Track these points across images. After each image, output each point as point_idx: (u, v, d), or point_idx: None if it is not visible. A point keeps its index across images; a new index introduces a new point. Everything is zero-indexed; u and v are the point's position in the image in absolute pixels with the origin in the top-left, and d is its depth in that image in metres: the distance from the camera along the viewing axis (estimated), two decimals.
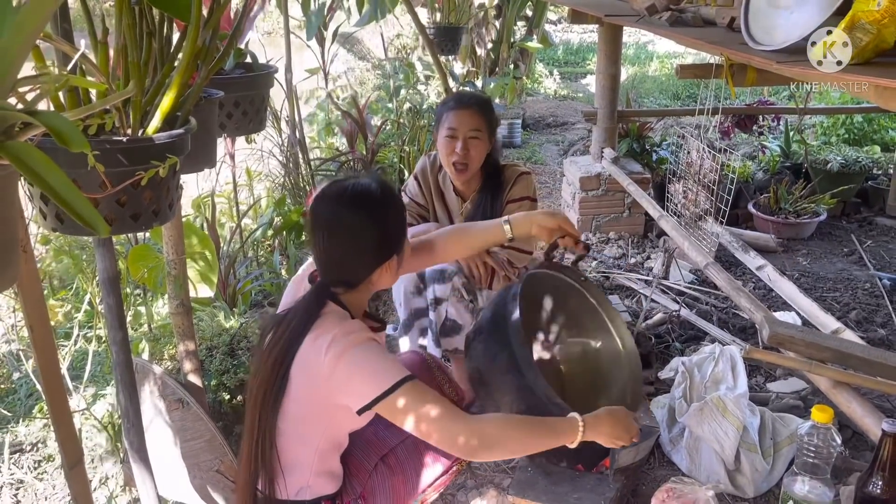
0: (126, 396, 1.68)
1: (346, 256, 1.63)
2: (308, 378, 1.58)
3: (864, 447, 2.37)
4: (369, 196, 1.64)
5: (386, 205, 1.67)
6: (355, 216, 1.62)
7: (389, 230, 1.67)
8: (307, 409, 1.63)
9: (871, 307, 3.42)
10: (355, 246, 1.63)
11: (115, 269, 1.56)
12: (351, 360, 1.52)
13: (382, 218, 1.65)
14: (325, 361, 1.53)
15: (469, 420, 1.53)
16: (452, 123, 2.47)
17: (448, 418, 1.51)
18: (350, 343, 1.53)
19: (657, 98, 8.47)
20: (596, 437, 1.65)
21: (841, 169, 4.49)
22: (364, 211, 1.62)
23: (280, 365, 1.59)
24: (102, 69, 1.26)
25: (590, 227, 4.35)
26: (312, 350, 1.56)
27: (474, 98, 2.58)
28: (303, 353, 1.58)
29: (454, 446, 1.52)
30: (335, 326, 1.56)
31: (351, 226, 1.61)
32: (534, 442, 1.62)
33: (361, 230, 1.62)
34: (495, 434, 1.54)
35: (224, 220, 4.12)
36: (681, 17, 2.57)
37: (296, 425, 1.65)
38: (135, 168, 1.25)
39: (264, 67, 2.17)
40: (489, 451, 1.55)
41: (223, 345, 2.52)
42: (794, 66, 1.70)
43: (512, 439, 1.57)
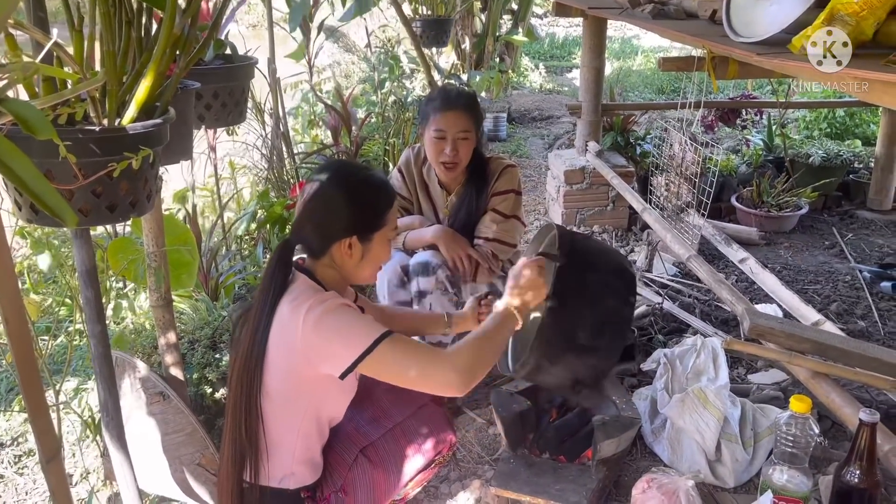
0: (105, 389, 1.66)
1: (311, 218, 1.72)
2: (286, 348, 1.61)
3: (843, 437, 2.40)
4: (357, 175, 1.75)
5: (366, 188, 1.73)
6: (331, 184, 1.71)
7: (357, 210, 1.71)
8: (288, 383, 1.64)
9: (852, 299, 3.45)
10: (321, 210, 1.71)
11: (92, 261, 1.54)
12: (328, 326, 1.57)
13: (355, 196, 1.71)
14: (301, 328, 1.57)
15: (446, 356, 1.61)
16: (441, 125, 2.46)
17: (429, 361, 1.59)
18: (325, 310, 1.58)
19: (642, 92, 8.50)
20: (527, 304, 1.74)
21: (822, 163, 4.52)
22: (341, 183, 1.71)
23: (257, 335, 1.62)
24: (77, 58, 1.24)
25: (574, 221, 4.35)
26: (289, 317, 1.60)
27: (461, 97, 2.55)
28: (279, 321, 1.62)
29: (442, 387, 1.60)
30: (310, 295, 1.62)
31: (325, 192, 1.71)
32: (496, 344, 1.70)
33: (330, 197, 1.70)
34: (468, 356, 1.61)
35: (207, 214, 4.09)
36: (663, 10, 2.58)
37: (278, 405, 1.66)
38: (109, 159, 1.23)
39: (244, 59, 2.15)
40: (472, 373, 1.61)
41: (205, 338, 2.50)
42: (774, 58, 1.70)
43: (481, 351, 1.65)
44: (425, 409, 1.94)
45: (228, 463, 1.69)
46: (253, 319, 1.65)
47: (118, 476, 1.78)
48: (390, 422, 1.89)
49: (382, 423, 1.87)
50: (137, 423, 2.06)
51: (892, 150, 4.44)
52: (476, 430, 2.55)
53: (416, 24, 4.79)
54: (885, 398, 2.54)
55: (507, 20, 7.61)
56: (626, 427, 2.19)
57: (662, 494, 1.83)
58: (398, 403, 1.93)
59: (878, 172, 4.52)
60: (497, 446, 2.45)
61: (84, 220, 1.31)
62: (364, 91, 5.65)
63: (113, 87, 1.29)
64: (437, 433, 1.90)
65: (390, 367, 1.58)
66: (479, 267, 2.51)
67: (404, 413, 1.91)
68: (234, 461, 1.67)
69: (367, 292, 3.36)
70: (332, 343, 1.57)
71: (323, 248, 1.71)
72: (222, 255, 3.50)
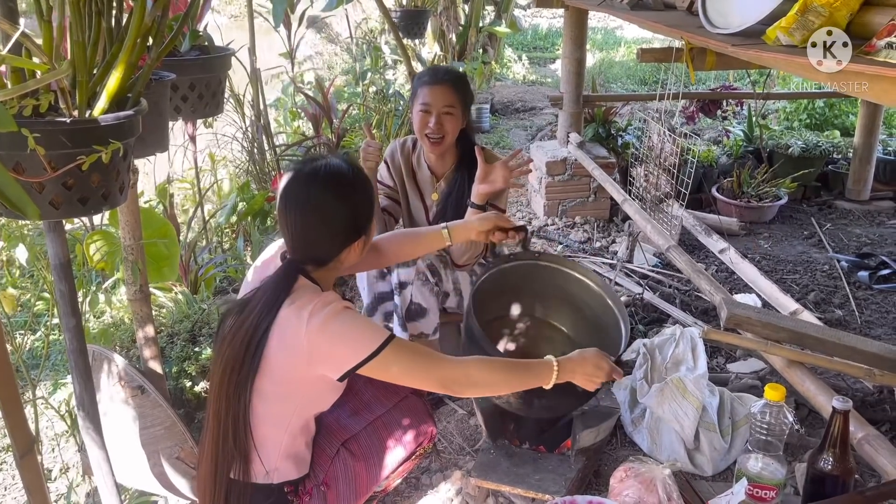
0: (81, 384, 1.65)
1: (317, 235, 1.66)
2: (287, 350, 1.58)
3: (819, 425, 2.43)
4: (341, 176, 1.67)
5: (356, 185, 1.69)
6: (327, 196, 1.65)
7: (359, 210, 1.69)
8: (283, 385, 1.63)
9: (830, 289, 3.48)
10: (326, 225, 1.65)
11: (66, 254, 1.52)
12: (334, 330, 1.56)
13: (352, 198, 1.67)
14: (305, 331, 1.55)
15: (454, 362, 1.63)
16: (426, 99, 2.46)
17: (435, 365, 1.61)
18: (330, 312, 1.56)
19: (625, 83, 8.52)
20: (570, 376, 1.73)
21: (802, 153, 4.56)
22: (336, 191, 1.65)
23: (252, 340, 1.59)
24: (46, 48, 1.22)
25: (556, 212, 4.36)
26: (292, 321, 1.57)
27: (449, 74, 2.54)
28: (280, 324, 1.58)
29: (444, 387, 1.62)
30: (313, 298, 1.59)
31: (322, 205, 1.64)
32: (512, 380, 1.71)
33: (333, 210, 1.65)
34: (478, 374, 1.64)
35: (188, 206, 4.06)
36: (642, 1, 2.58)
37: (268, 404, 1.64)
38: (79, 151, 1.22)
39: (221, 50, 2.13)
40: (475, 388, 1.68)
41: (184, 331, 2.49)
42: (749, 49, 1.71)
43: (493, 377, 1.67)
44: (406, 401, 1.94)
45: (211, 463, 1.67)
46: (249, 323, 1.60)
47: (95, 470, 1.77)
48: (371, 414, 1.89)
49: (363, 416, 1.88)
50: (115, 417, 2.04)
51: (870, 141, 4.48)
52: (457, 420, 2.56)
53: (395, 14, 4.77)
54: (860, 386, 2.57)
55: (490, 11, 7.59)
56: (605, 417, 2.20)
57: (640, 483, 1.84)
58: (379, 396, 1.94)
59: (857, 163, 4.57)
60: (478, 437, 2.46)
61: (55, 212, 1.29)
62: (347, 82, 5.62)
63: (83, 77, 1.27)
64: (417, 425, 1.91)
65: (391, 370, 1.59)
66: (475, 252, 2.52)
67: (385, 406, 1.91)
68: (217, 461, 1.66)
69: (347, 283, 3.36)
70: (336, 346, 1.57)
71: (333, 256, 1.69)
72: (202, 248, 3.48)
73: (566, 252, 3.86)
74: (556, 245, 3.96)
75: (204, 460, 1.71)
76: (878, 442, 1.81)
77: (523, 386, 1.72)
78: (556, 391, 1.75)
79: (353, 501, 1.79)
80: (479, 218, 2.09)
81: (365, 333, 1.57)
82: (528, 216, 4.50)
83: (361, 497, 1.81)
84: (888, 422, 2.41)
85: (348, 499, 1.78)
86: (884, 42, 1.42)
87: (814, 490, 1.73)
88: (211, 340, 2.44)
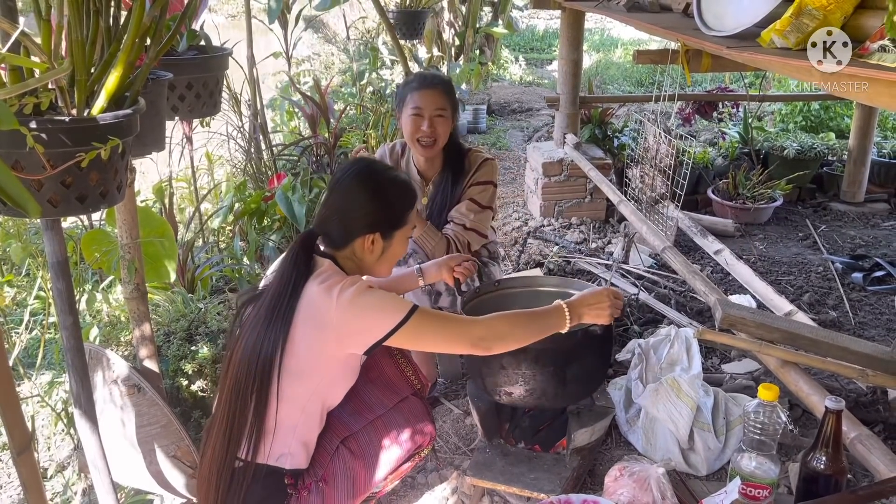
0: (77, 382, 1.65)
1: (333, 212, 1.80)
2: (314, 325, 1.66)
3: (813, 425, 2.44)
4: (375, 174, 1.83)
5: (385, 186, 1.82)
6: (353, 182, 1.79)
7: (381, 208, 1.80)
8: (307, 361, 1.68)
9: (824, 290, 3.50)
10: (344, 206, 1.79)
11: (63, 252, 1.53)
12: (362, 303, 1.66)
13: (381, 195, 1.80)
14: (336, 306, 1.64)
15: (479, 321, 1.75)
16: (418, 103, 2.48)
17: (463, 325, 1.75)
18: (358, 289, 1.66)
19: (621, 84, 8.54)
20: (582, 315, 1.86)
21: (797, 155, 4.57)
22: (364, 182, 1.80)
23: (277, 314, 1.66)
24: (45, 47, 1.23)
25: (552, 213, 4.38)
26: (322, 297, 1.66)
27: (438, 78, 2.60)
28: (309, 301, 1.67)
29: (474, 346, 1.73)
30: (340, 279, 1.69)
31: (350, 187, 1.79)
32: (534, 329, 1.81)
33: (353, 195, 1.79)
34: (504, 327, 1.76)
35: (185, 206, 4.06)
36: (638, 3, 2.59)
37: (289, 381, 1.68)
38: (78, 149, 1.22)
39: (218, 49, 2.14)
40: (502, 342, 1.76)
41: (181, 330, 2.49)
42: (744, 51, 1.72)
43: (516, 328, 1.78)
44: (406, 402, 1.94)
45: (221, 441, 1.70)
46: (271, 300, 1.69)
47: (92, 469, 1.77)
48: (371, 414, 1.89)
49: (364, 415, 1.87)
50: (112, 415, 2.05)
51: (864, 143, 4.50)
52: (453, 420, 2.57)
53: (392, 14, 4.78)
54: (854, 386, 2.58)
55: (488, 12, 7.60)
56: (600, 416, 2.21)
57: (634, 482, 1.85)
58: (380, 396, 1.93)
59: (851, 165, 4.59)
60: (473, 436, 2.47)
61: (53, 210, 1.30)
62: (343, 82, 5.63)
63: (81, 76, 1.28)
64: (417, 426, 1.90)
65: (424, 338, 1.70)
66: None
67: (386, 405, 1.91)
68: (229, 439, 1.69)
69: None
70: (366, 318, 1.66)
71: (346, 240, 1.80)
72: (199, 247, 3.48)
73: (562, 253, 3.87)
74: (553, 246, 3.97)
75: (214, 440, 1.73)
76: (870, 441, 1.83)
77: (544, 333, 1.82)
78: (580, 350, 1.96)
79: (351, 500, 1.80)
80: (446, 258, 2.27)
81: (392, 305, 1.68)
82: (525, 217, 4.51)
83: (359, 496, 1.82)
84: (881, 422, 2.42)
85: (346, 496, 1.78)
86: (877, 45, 1.43)
87: (807, 489, 1.74)
88: (208, 340, 2.44)
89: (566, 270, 3.68)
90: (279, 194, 3.47)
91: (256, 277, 3.09)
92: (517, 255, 3.85)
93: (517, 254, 3.87)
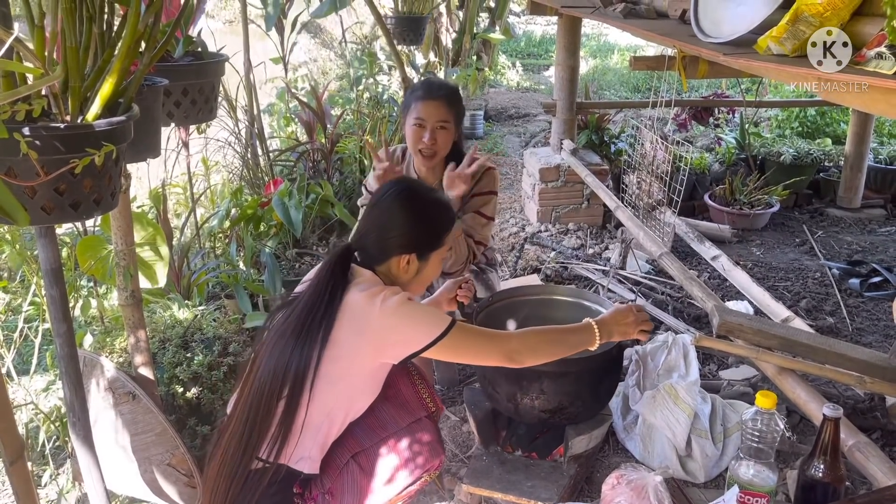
0: (71, 390, 1.64)
1: (372, 229, 1.84)
2: (355, 330, 1.69)
3: (811, 432, 2.43)
4: (416, 195, 1.87)
5: (431, 210, 1.87)
6: (400, 202, 1.83)
7: (420, 230, 1.84)
8: (340, 366, 1.69)
9: (821, 296, 3.50)
10: (383, 224, 1.83)
11: (57, 259, 1.52)
12: (405, 312, 1.70)
13: (420, 217, 1.84)
14: (378, 313, 1.68)
15: (514, 335, 1.83)
16: (421, 114, 2.47)
17: (499, 339, 1.78)
18: (400, 299, 1.70)
19: (618, 90, 8.55)
20: (611, 333, 1.90)
21: (794, 161, 4.58)
22: (404, 203, 1.83)
23: (317, 319, 1.68)
24: (38, 53, 1.22)
25: (549, 218, 4.37)
26: (364, 304, 1.69)
27: (443, 88, 2.57)
28: (351, 307, 1.70)
29: (507, 359, 1.76)
30: (383, 289, 1.73)
31: (391, 206, 1.83)
32: (565, 345, 1.86)
33: (397, 214, 1.82)
34: (536, 342, 1.81)
35: (181, 211, 4.05)
36: (634, 9, 2.59)
37: (321, 387, 1.68)
38: (72, 155, 1.21)
39: (214, 55, 2.13)
40: (534, 355, 1.80)
41: (176, 337, 2.48)
42: (740, 58, 1.72)
43: (548, 344, 1.83)
44: (420, 423, 1.90)
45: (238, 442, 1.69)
46: (304, 307, 1.71)
47: (86, 477, 1.76)
48: (384, 432, 1.85)
49: (377, 433, 1.84)
50: (106, 423, 2.04)
51: (861, 149, 4.51)
52: (450, 427, 2.55)
53: (390, 21, 4.77)
54: (852, 393, 2.58)
55: (485, 18, 7.61)
56: (597, 424, 2.20)
57: (632, 490, 1.84)
58: (394, 415, 1.90)
59: (848, 171, 4.59)
60: (470, 443, 2.46)
61: (47, 217, 1.29)
62: (340, 88, 5.63)
63: (75, 83, 1.27)
64: (428, 449, 1.87)
65: (461, 351, 1.75)
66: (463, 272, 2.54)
67: (399, 425, 1.88)
68: (247, 440, 1.68)
69: None
70: (408, 328, 1.70)
71: (382, 258, 1.83)
72: (195, 253, 3.46)
73: (559, 258, 3.86)
74: (550, 251, 3.97)
75: (223, 446, 1.72)
76: (868, 449, 1.82)
77: (574, 349, 1.87)
78: None
79: None
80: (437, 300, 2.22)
81: (434, 317, 1.72)
82: (522, 222, 4.51)
83: None
84: (879, 429, 2.42)
85: None
86: (874, 52, 1.43)
87: (805, 497, 1.74)
88: (204, 346, 2.43)
89: (563, 276, 3.68)
90: (276, 200, 3.46)
91: (252, 283, 3.08)
92: (514, 261, 3.85)
93: (514, 260, 3.87)
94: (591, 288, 3.53)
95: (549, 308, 2.48)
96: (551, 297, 2.50)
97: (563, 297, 2.49)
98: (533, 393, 2.08)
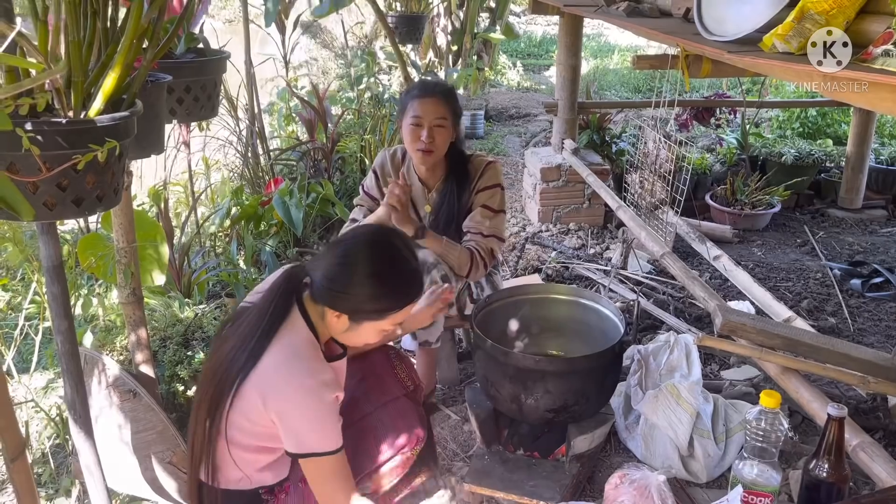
0: (72, 387, 1.64)
1: (325, 267, 1.65)
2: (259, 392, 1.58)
3: (813, 432, 2.43)
4: (393, 264, 1.66)
5: (388, 281, 1.65)
6: (362, 255, 1.64)
7: (362, 296, 1.64)
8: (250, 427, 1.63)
9: (822, 296, 3.49)
10: (335, 272, 1.64)
11: (59, 256, 1.51)
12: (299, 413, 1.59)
13: (372, 282, 1.63)
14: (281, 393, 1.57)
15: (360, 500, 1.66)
16: (418, 112, 2.45)
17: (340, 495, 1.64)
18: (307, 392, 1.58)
19: (619, 90, 8.55)
20: None
21: (795, 161, 4.58)
22: (371, 262, 1.64)
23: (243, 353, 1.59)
24: (41, 48, 1.22)
25: (550, 218, 4.37)
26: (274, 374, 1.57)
27: (439, 86, 2.56)
28: (266, 365, 1.58)
29: None
30: (304, 362, 1.59)
31: (349, 253, 1.65)
32: None
33: (349, 265, 1.64)
34: None
35: (181, 210, 4.04)
36: (638, 8, 2.59)
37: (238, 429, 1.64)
38: (75, 151, 1.21)
39: (216, 52, 2.12)
40: None
41: (177, 335, 2.47)
42: (745, 56, 1.72)
43: None
44: (396, 402, 1.92)
45: (189, 460, 1.69)
46: (243, 336, 1.61)
47: (86, 474, 1.76)
48: (358, 413, 1.88)
49: (351, 415, 1.85)
50: (107, 421, 2.03)
51: (862, 150, 4.51)
52: (451, 427, 2.55)
53: (391, 19, 4.77)
54: (854, 393, 2.57)
55: (485, 17, 7.60)
56: (599, 423, 2.19)
57: (634, 490, 1.83)
58: (368, 396, 1.92)
59: (849, 171, 4.59)
60: (472, 443, 2.45)
61: (49, 213, 1.28)
62: (341, 87, 5.62)
63: (79, 78, 1.27)
64: (405, 427, 1.88)
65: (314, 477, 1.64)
66: None
67: (374, 405, 1.90)
68: (193, 459, 1.67)
69: None
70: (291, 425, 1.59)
71: (321, 300, 1.66)
72: (195, 252, 3.46)
73: (560, 258, 3.86)
74: (551, 251, 3.96)
75: (189, 459, 1.71)
76: (872, 449, 1.82)
77: None
78: None
79: None
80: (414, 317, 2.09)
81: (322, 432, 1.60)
82: (523, 222, 4.50)
83: None
84: (881, 429, 2.41)
85: None
86: (880, 50, 1.42)
87: (809, 497, 1.73)
88: (204, 345, 2.43)
89: (564, 276, 3.67)
90: (276, 199, 3.46)
91: (253, 282, 3.07)
92: (515, 261, 3.84)
93: (515, 259, 3.86)
94: (593, 288, 3.52)
95: (547, 307, 2.47)
96: (550, 296, 2.48)
97: (561, 296, 2.48)
98: (537, 392, 2.07)
